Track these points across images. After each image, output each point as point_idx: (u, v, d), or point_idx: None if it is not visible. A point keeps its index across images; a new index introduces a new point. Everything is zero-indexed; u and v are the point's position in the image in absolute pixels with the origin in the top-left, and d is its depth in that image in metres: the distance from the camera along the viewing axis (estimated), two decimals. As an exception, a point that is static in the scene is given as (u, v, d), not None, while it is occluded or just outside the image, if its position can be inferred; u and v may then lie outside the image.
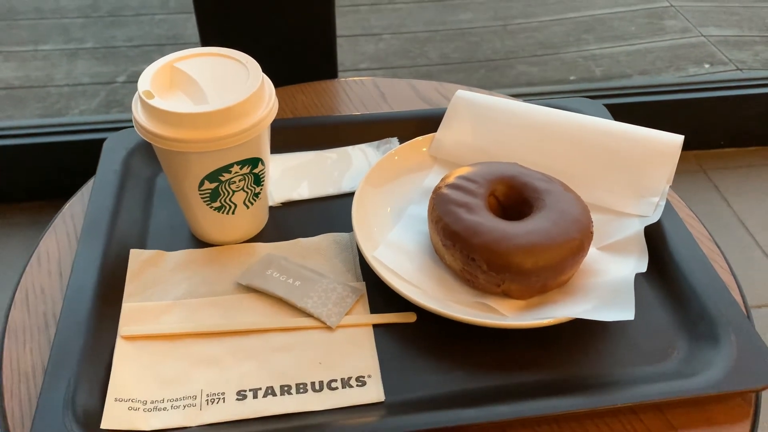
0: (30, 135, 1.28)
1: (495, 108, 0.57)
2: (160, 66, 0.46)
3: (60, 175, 1.27)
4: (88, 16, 1.81)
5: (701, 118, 1.44)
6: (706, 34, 1.76)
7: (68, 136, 1.28)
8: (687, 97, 1.42)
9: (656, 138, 0.53)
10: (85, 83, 1.56)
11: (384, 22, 1.85)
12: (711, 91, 1.44)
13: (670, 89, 1.44)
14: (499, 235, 0.44)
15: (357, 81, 0.71)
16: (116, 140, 0.57)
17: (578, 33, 1.78)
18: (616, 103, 1.40)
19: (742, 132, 1.46)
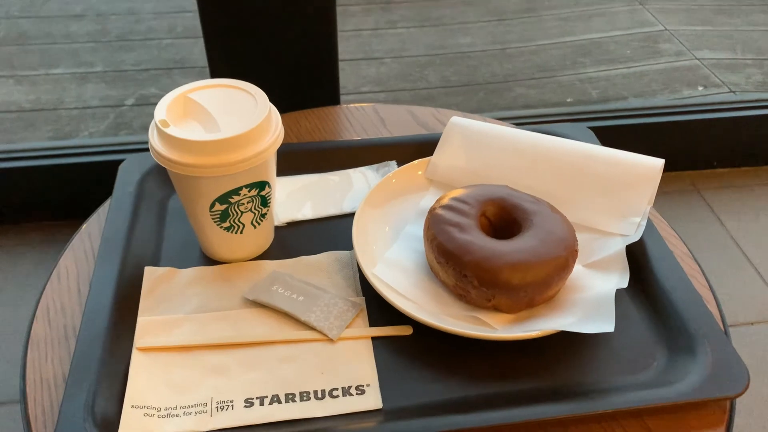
0: (41, 157, 1.32)
1: (487, 133, 0.61)
2: (174, 96, 0.50)
3: (70, 195, 1.31)
4: (98, 40, 1.87)
5: (695, 140, 1.48)
6: (700, 57, 1.80)
7: (78, 158, 1.32)
8: (681, 119, 1.46)
9: (638, 162, 0.56)
10: (95, 106, 1.60)
11: (385, 47, 1.90)
12: (704, 113, 1.47)
13: (665, 111, 1.48)
14: (490, 253, 0.48)
15: (358, 107, 0.75)
16: (131, 164, 0.61)
17: (575, 56, 1.82)
18: (612, 125, 1.44)
19: (735, 153, 1.49)
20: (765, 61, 1.79)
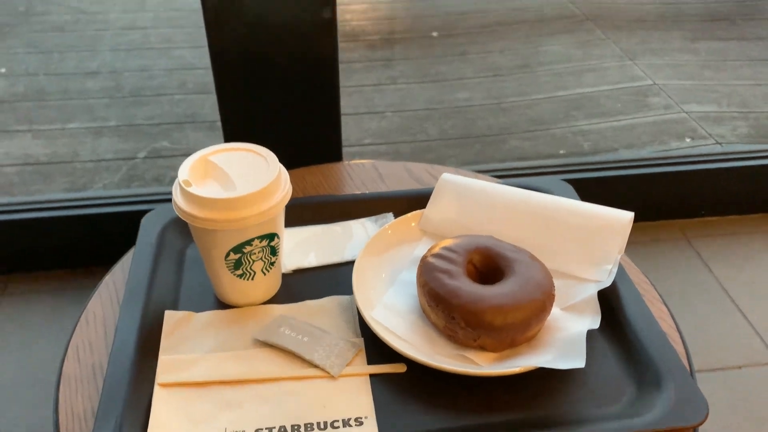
0: (57, 208, 1.39)
1: (474, 189, 0.67)
2: (196, 159, 0.57)
3: (84, 245, 1.37)
4: (112, 96, 1.96)
5: (684, 190, 1.54)
6: (687, 111, 1.88)
7: (92, 209, 1.38)
8: (670, 170, 1.52)
9: (610, 215, 0.62)
10: (108, 159, 1.68)
11: (387, 101, 1.99)
12: (692, 165, 1.54)
13: (654, 163, 1.55)
14: (475, 297, 0.53)
15: (358, 164, 0.82)
16: (152, 217, 0.67)
17: (568, 110, 1.91)
18: (603, 177, 1.51)
19: (722, 202, 1.55)
20: (750, 114, 1.87)
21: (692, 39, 2.30)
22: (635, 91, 1.98)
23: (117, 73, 2.08)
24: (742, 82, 2.04)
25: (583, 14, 2.45)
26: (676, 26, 2.40)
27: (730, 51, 2.23)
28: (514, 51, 2.24)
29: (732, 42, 2.28)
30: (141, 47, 2.23)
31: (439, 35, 2.38)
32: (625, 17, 2.44)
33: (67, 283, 1.33)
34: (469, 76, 2.11)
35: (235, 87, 0.90)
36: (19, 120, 1.83)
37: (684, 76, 2.07)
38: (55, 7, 2.50)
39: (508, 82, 2.07)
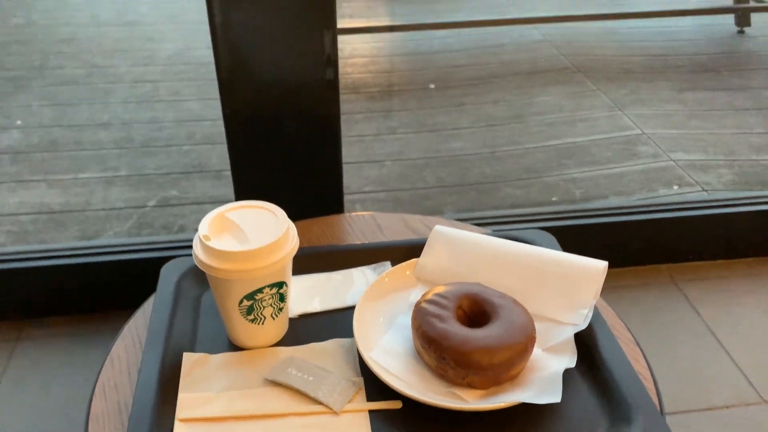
0: (70, 256, 1.45)
1: (464, 240, 0.73)
2: (214, 215, 0.63)
3: (96, 291, 1.42)
4: (123, 147, 2.05)
5: (671, 235, 1.60)
6: (674, 159, 1.96)
7: (103, 257, 1.44)
8: (658, 217, 1.59)
9: (586, 264, 0.68)
10: (119, 207, 1.75)
11: (386, 150, 2.07)
12: (679, 212, 1.61)
13: (643, 210, 1.62)
14: (463, 340, 0.59)
15: (359, 215, 0.89)
16: (171, 267, 0.74)
17: (559, 158, 1.99)
18: (594, 224, 1.57)
19: (708, 247, 1.61)
20: (735, 162, 1.95)
21: (680, 90, 2.40)
22: (625, 140, 2.07)
23: (128, 124, 2.17)
24: (728, 130, 2.13)
25: (574, 66, 2.56)
26: (663, 77, 2.50)
27: (716, 101, 2.32)
28: (507, 102, 2.34)
29: (718, 92, 2.38)
30: (151, 100, 2.33)
31: (436, 87, 2.48)
32: (614, 69, 2.55)
33: (81, 328, 1.38)
34: (465, 126, 2.20)
35: (245, 144, 0.98)
36: (34, 170, 1.91)
37: (671, 125, 2.16)
38: (69, 61, 2.62)
39: (502, 132, 2.16)
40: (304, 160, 1.01)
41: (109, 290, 1.40)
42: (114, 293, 1.39)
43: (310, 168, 1.01)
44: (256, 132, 1.00)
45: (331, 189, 0.98)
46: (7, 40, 2.82)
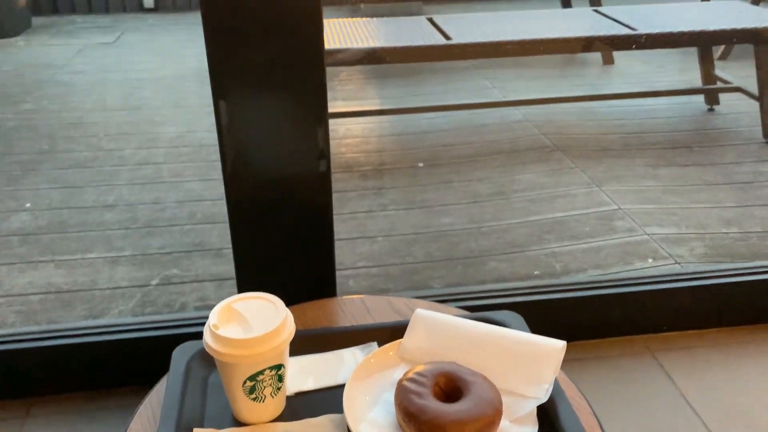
0: (76, 336, 1.53)
1: (441, 322, 0.83)
2: (222, 306, 0.73)
3: (102, 369, 1.50)
4: (128, 227, 2.16)
5: (647, 307, 1.70)
6: (649, 233, 2.08)
7: (109, 335, 1.51)
8: (633, 291, 1.69)
9: (547, 344, 0.78)
10: (124, 286, 1.85)
11: (378, 226, 2.18)
12: (653, 285, 1.71)
13: (620, 283, 1.72)
14: (439, 413, 0.68)
15: (349, 299, 0.98)
16: (182, 350, 0.83)
17: (541, 233, 2.10)
18: (574, 297, 1.67)
19: (682, 318, 1.70)
20: (706, 235, 2.07)
21: (654, 166, 2.54)
22: (602, 215, 2.19)
23: (132, 205, 2.28)
24: (699, 205, 2.26)
25: (553, 145, 2.71)
26: (639, 154, 2.65)
27: (689, 176, 2.46)
28: (492, 179, 2.48)
29: (690, 168, 2.53)
30: (154, 181, 2.45)
31: (425, 165, 2.62)
32: (592, 147, 2.70)
33: (88, 405, 1.45)
34: (452, 203, 2.33)
35: (247, 233, 1.09)
36: (43, 251, 2.01)
37: (646, 200, 2.29)
38: (77, 145, 2.76)
39: (487, 208, 2.28)
40: (300, 247, 1.12)
41: (114, 368, 1.48)
42: (120, 371, 1.47)
43: (305, 254, 1.12)
44: (256, 222, 1.11)
45: (324, 273, 1.08)
46: (18, 125, 2.97)
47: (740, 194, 2.33)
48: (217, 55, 1.00)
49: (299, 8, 0.99)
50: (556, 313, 1.69)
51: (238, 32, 0.99)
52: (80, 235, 2.10)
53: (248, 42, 1.00)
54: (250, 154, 1.09)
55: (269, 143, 1.10)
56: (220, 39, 1.00)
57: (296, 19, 1.00)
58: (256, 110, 1.05)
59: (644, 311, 1.70)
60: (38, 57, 4.01)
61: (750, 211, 2.21)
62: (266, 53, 1.02)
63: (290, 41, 1.02)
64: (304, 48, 1.03)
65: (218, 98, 1.06)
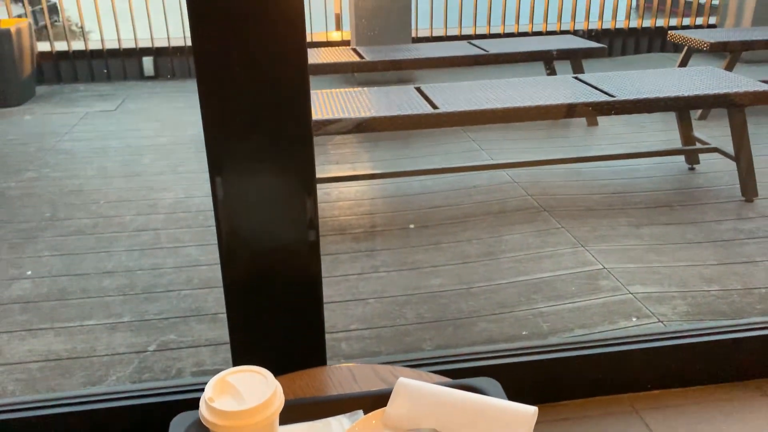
0: (75, 404, 1.56)
1: (423, 390, 0.89)
2: (217, 379, 0.79)
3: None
4: (126, 293, 2.21)
5: (631, 366, 1.75)
6: (633, 292, 2.14)
7: (107, 403, 1.56)
8: (618, 350, 1.75)
9: (519, 410, 0.84)
10: (122, 353, 1.89)
11: (370, 288, 2.24)
12: (638, 344, 1.76)
13: (604, 343, 1.77)
14: (417, 478, 0.74)
15: (337, 368, 1.04)
16: (179, 421, 0.88)
17: (529, 293, 2.17)
18: (560, 357, 1.72)
19: (666, 376, 1.75)
20: (688, 293, 2.13)
21: (637, 225, 2.63)
22: (587, 275, 2.26)
23: (131, 271, 2.35)
24: (681, 263, 2.33)
25: (540, 206, 2.80)
26: (623, 213, 2.74)
27: (671, 235, 2.55)
28: (480, 240, 2.55)
29: (671, 227, 2.62)
30: (153, 247, 2.52)
31: (415, 227, 2.70)
32: (577, 207, 2.80)
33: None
34: (442, 264, 2.39)
35: (241, 306, 1.16)
36: (43, 319, 2.06)
37: (629, 259, 2.36)
38: (77, 212, 2.84)
39: (477, 269, 2.35)
40: (291, 315, 1.18)
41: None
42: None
43: (296, 322, 1.18)
44: (249, 290, 1.17)
45: (313, 343, 1.14)
46: (21, 193, 3.06)
47: (721, 252, 2.41)
48: (214, 138, 1.09)
49: (290, 89, 1.08)
50: (543, 373, 1.74)
51: (232, 118, 1.09)
52: (80, 302, 2.16)
53: (242, 124, 1.09)
54: (243, 226, 1.17)
55: (261, 215, 1.18)
56: (216, 124, 1.09)
57: (286, 99, 1.09)
58: (248, 185, 1.13)
59: (629, 370, 1.75)
60: (41, 125, 4.15)
61: (731, 269, 2.29)
62: (258, 133, 1.10)
63: (280, 121, 1.11)
64: (294, 126, 1.12)
65: (214, 175, 1.15)
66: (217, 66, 1.05)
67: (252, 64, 1.07)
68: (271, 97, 1.10)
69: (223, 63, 1.05)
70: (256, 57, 1.06)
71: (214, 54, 1.05)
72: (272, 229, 1.19)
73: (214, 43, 1.04)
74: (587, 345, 1.76)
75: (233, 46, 1.05)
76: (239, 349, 1.23)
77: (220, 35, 1.04)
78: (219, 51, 1.05)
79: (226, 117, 1.09)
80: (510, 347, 1.87)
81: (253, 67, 1.07)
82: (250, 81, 1.08)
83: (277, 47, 1.07)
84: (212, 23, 1.03)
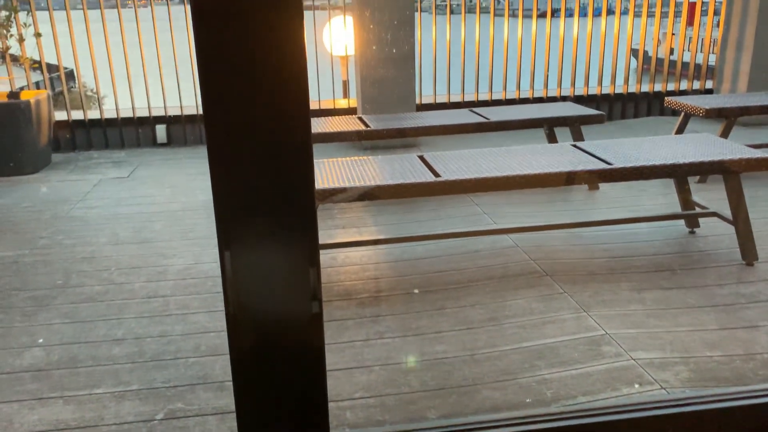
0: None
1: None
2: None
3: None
4: (135, 361, 2.25)
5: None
6: (635, 358, 2.16)
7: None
8: (621, 418, 1.76)
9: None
10: (130, 421, 1.92)
11: (375, 355, 2.27)
12: (640, 411, 1.77)
13: (607, 411, 1.78)
14: None
15: (339, 441, 1.08)
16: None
17: (532, 360, 2.19)
18: (563, 426, 1.73)
19: (669, 444, 1.76)
20: (690, 359, 2.15)
21: (639, 289, 2.66)
22: (589, 341, 2.28)
23: (140, 339, 2.39)
24: (683, 328, 2.35)
25: (543, 270, 2.85)
26: (624, 278, 2.78)
27: (672, 299, 2.57)
28: (484, 305, 2.59)
29: (673, 291, 2.65)
30: (162, 314, 2.57)
31: (420, 291, 2.75)
32: (579, 272, 2.84)
33: None
34: (446, 330, 2.42)
35: (248, 381, 1.20)
36: (53, 387, 2.09)
37: (631, 324, 2.38)
38: (89, 279, 2.91)
39: (480, 335, 2.37)
40: (295, 388, 1.22)
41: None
42: None
43: (299, 394, 1.21)
44: (255, 360, 1.22)
45: (316, 413, 1.17)
46: (34, 260, 3.14)
47: (722, 317, 2.43)
48: (223, 215, 1.15)
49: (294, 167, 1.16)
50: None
51: (239, 198, 1.16)
52: (89, 370, 2.19)
53: (249, 203, 1.16)
54: (249, 297, 1.22)
55: (266, 287, 1.23)
56: (226, 203, 1.16)
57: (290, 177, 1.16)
58: (254, 258, 1.19)
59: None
60: (56, 193, 4.26)
61: (733, 334, 2.30)
62: (263, 210, 1.17)
63: (285, 199, 1.18)
64: (297, 203, 1.18)
65: (223, 249, 1.21)
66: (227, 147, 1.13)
67: (260, 150, 1.15)
68: (276, 175, 1.17)
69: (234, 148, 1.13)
70: (265, 142, 1.14)
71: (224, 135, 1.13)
72: (277, 300, 1.24)
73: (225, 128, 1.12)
74: (590, 413, 1.77)
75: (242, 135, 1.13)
76: (245, 418, 1.26)
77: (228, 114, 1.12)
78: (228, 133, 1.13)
79: (234, 197, 1.16)
80: (513, 416, 1.89)
81: (262, 154, 1.15)
82: (258, 160, 1.16)
83: (282, 137, 1.15)
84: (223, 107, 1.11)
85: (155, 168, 4.87)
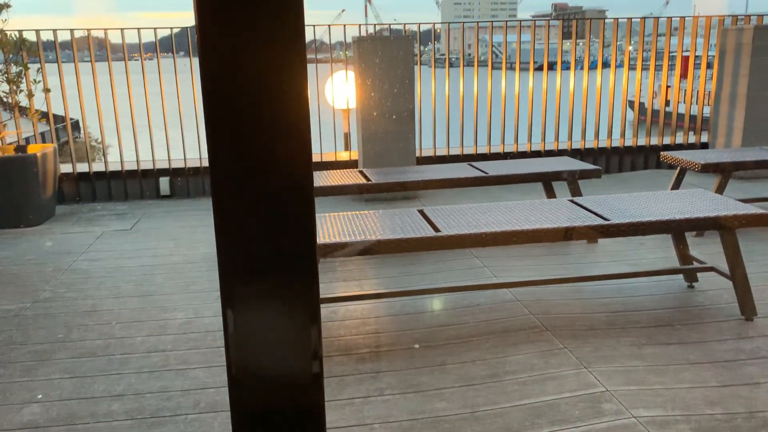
0: None
1: None
2: None
3: None
4: (134, 417, 2.24)
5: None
6: (636, 415, 2.15)
7: None
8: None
9: None
10: (127, 481, 1.90)
11: (375, 413, 2.26)
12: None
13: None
14: None
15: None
16: None
17: (533, 417, 2.18)
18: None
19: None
20: (691, 417, 2.14)
21: (639, 345, 2.66)
22: (590, 397, 2.27)
23: (140, 394, 2.38)
24: (684, 385, 2.34)
25: (542, 325, 2.85)
26: (624, 333, 2.78)
27: (672, 355, 2.57)
28: (485, 361, 2.59)
29: (673, 346, 2.65)
30: (162, 369, 2.57)
31: (420, 347, 2.74)
32: (579, 326, 2.84)
33: None
34: (447, 386, 2.42)
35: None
36: (51, 445, 2.08)
37: (632, 381, 2.38)
38: (90, 333, 2.91)
39: (481, 391, 2.37)
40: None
41: None
42: None
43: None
44: (256, 424, 1.22)
45: (317, 479, 1.18)
46: (36, 314, 3.15)
47: (723, 373, 2.42)
48: (227, 276, 1.18)
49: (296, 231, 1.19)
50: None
51: (241, 260, 1.19)
52: (87, 427, 2.18)
53: (251, 264, 1.19)
54: (251, 357, 1.24)
55: (268, 347, 1.25)
56: (230, 266, 1.19)
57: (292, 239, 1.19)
58: (256, 318, 1.21)
59: (634, 500, 1.74)
60: (59, 245, 4.30)
61: (734, 391, 2.30)
62: (266, 270, 1.20)
63: (287, 261, 1.21)
64: (301, 261, 1.21)
65: (226, 308, 1.23)
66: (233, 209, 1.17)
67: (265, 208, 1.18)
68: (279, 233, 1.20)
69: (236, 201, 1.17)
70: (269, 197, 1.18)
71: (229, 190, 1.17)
72: (278, 361, 1.26)
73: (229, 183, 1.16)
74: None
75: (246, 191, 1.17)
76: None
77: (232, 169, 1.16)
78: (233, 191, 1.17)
79: (238, 255, 1.19)
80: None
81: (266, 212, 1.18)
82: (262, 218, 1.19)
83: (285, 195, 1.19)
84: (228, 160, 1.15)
85: (158, 220, 4.91)
